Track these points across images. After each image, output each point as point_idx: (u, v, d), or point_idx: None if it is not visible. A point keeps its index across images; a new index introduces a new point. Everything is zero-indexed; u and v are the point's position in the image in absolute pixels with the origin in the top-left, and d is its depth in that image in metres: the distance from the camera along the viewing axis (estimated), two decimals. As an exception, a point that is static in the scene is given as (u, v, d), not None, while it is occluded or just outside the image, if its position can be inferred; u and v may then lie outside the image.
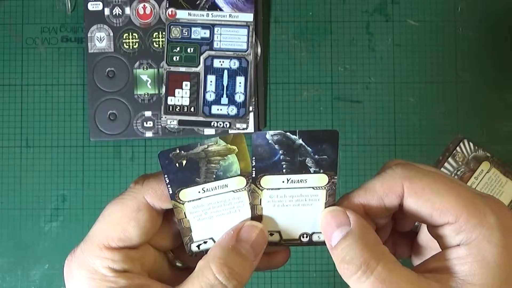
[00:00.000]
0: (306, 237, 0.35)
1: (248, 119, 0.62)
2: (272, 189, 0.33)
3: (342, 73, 0.64)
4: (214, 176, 0.33)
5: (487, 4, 0.64)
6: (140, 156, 0.63)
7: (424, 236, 0.36)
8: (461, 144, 0.62)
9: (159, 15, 0.63)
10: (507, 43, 0.64)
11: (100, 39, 0.63)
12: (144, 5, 0.63)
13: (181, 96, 0.62)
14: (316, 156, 0.33)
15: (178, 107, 0.62)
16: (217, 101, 0.62)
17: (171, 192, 0.33)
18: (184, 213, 0.34)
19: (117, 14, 0.63)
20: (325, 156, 0.33)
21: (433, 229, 0.32)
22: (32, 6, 0.65)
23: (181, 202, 0.33)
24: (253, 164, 0.33)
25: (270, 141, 0.32)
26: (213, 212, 0.34)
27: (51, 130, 0.64)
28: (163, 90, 0.63)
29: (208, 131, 0.63)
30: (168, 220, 0.36)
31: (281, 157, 0.32)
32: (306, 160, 0.33)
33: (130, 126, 0.63)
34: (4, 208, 0.63)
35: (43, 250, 0.63)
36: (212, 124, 0.62)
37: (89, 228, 0.65)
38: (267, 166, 0.33)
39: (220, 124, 0.62)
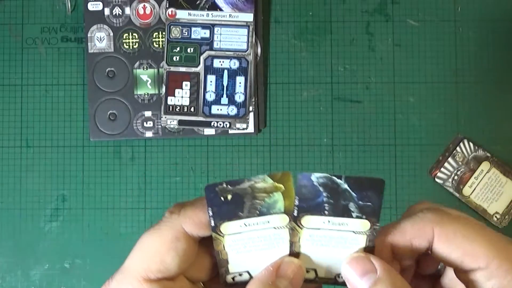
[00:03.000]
0: (342, 278, 0.34)
1: (248, 119, 0.62)
2: (312, 228, 0.33)
3: (342, 73, 0.64)
4: (258, 212, 0.33)
5: (487, 4, 0.64)
6: (140, 156, 0.63)
7: (449, 280, 0.36)
8: (461, 144, 0.62)
9: (159, 15, 0.63)
10: (507, 43, 0.64)
11: (100, 39, 0.63)
12: (144, 5, 0.63)
13: (181, 96, 0.62)
14: (360, 202, 0.33)
15: (178, 107, 0.62)
16: (217, 101, 0.62)
17: (213, 224, 0.33)
18: (223, 245, 0.34)
19: (117, 14, 0.63)
20: (369, 203, 0.33)
21: (462, 274, 0.32)
22: (32, 6, 0.65)
23: (221, 234, 0.33)
24: (295, 203, 0.33)
25: (315, 183, 0.32)
26: (252, 246, 0.34)
27: (51, 130, 0.64)
28: (163, 90, 0.63)
29: (208, 131, 0.63)
30: (203, 252, 0.35)
31: (324, 199, 0.33)
32: (350, 205, 0.33)
33: (130, 126, 0.63)
34: (4, 208, 0.63)
35: (43, 250, 0.63)
36: (212, 124, 0.62)
37: (89, 228, 0.65)
38: (310, 206, 0.33)
39: (220, 124, 0.62)
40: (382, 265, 0.32)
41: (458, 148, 0.62)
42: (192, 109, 0.62)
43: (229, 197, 0.33)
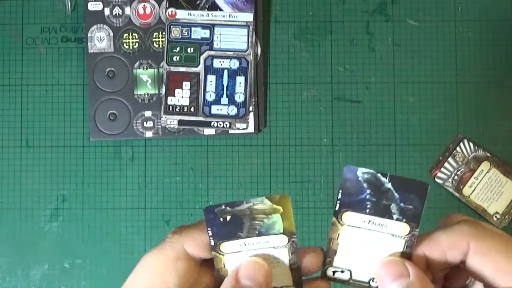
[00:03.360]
0: (376, 282, 0.34)
1: (248, 119, 0.62)
2: (352, 226, 0.33)
3: (342, 73, 0.64)
4: (257, 232, 0.34)
5: (487, 4, 0.64)
6: (140, 156, 0.63)
7: None
8: (461, 144, 0.62)
9: (159, 15, 0.63)
10: (507, 43, 0.64)
11: (100, 39, 0.63)
12: (144, 5, 0.63)
13: (181, 96, 0.62)
14: (402, 204, 0.33)
15: (178, 107, 0.62)
16: (217, 101, 0.62)
17: (212, 244, 0.34)
18: (224, 263, 0.34)
19: (117, 14, 0.63)
20: (411, 206, 0.33)
21: None
22: (32, 6, 0.65)
23: (221, 253, 0.34)
24: (338, 197, 0.33)
25: (359, 178, 0.33)
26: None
27: (51, 130, 0.64)
28: (163, 90, 0.63)
29: (208, 131, 0.63)
30: (204, 271, 0.36)
31: (367, 197, 0.33)
32: (391, 206, 0.33)
33: (130, 126, 0.63)
34: (4, 208, 0.63)
35: (43, 250, 0.63)
36: (212, 124, 0.62)
37: (89, 228, 0.65)
38: (352, 202, 0.33)
39: (220, 124, 0.62)
40: (416, 271, 0.32)
41: (458, 148, 0.62)
42: (192, 109, 0.62)
43: (228, 218, 0.33)
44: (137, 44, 0.63)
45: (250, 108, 0.62)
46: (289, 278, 0.35)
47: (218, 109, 0.62)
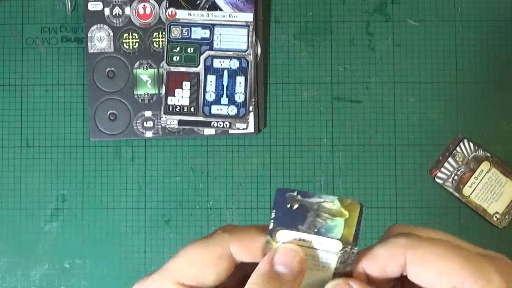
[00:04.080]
0: None
1: (248, 119, 0.62)
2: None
3: (342, 73, 0.64)
4: (316, 230, 0.34)
5: (487, 4, 0.64)
6: (140, 156, 0.63)
7: None
8: (461, 144, 0.62)
9: (159, 15, 0.63)
10: (507, 43, 0.64)
11: (100, 39, 0.63)
12: (144, 5, 0.63)
13: (181, 96, 0.62)
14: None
15: (178, 107, 0.62)
16: (217, 101, 0.62)
17: (271, 227, 0.34)
18: None
19: (117, 14, 0.63)
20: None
21: None
22: (32, 6, 0.65)
23: (275, 241, 0.34)
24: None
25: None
26: None
27: (51, 130, 0.64)
28: (163, 90, 0.63)
29: (208, 131, 0.63)
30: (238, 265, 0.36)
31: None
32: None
33: (130, 126, 0.63)
34: (4, 208, 0.63)
35: (43, 250, 0.63)
36: (212, 124, 0.62)
37: (89, 228, 0.65)
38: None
39: (220, 124, 0.62)
40: (362, 287, 0.32)
41: (458, 148, 0.62)
42: (192, 109, 0.62)
43: (295, 206, 0.33)
44: (137, 44, 0.63)
45: (250, 108, 0.62)
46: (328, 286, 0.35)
47: (218, 109, 0.62)
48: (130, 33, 0.63)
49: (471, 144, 0.62)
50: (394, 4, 0.64)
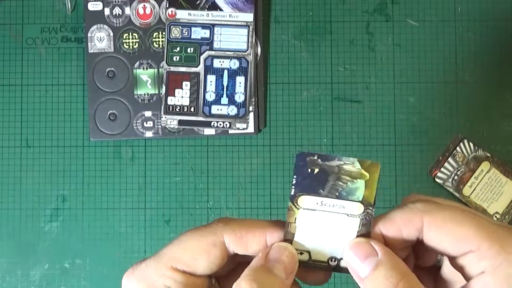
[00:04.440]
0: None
1: (248, 119, 0.62)
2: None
3: (342, 73, 0.64)
4: (337, 194, 0.34)
5: (487, 4, 0.64)
6: (140, 156, 0.63)
7: (447, 269, 0.36)
8: (461, 144, 0.62)
9: (159, 15, 0.63)
10: (507, 43, 0.64)
11: (100, 39, 0.63)
12: (144, 5, 0.63)
13: (181, 96, 0.62)
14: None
15: (178, 107, 0.62)
16: (217, 101, 0.62)
17: (292, 193, 0.34)
18: (295, 218, 0.35)
19: (117, 14, 0.63)
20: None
21: (455, 261, 0.33)
22: (32, 6, 0.65)
23: (297, 207, 0.34)
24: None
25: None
26: (321, 227, 0.35)
27: (51, 130, 0.64)
28: (163, 90, 0.63)
29: (208, 131, 0.63)
30: (230, 259, 0.37)
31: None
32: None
33: (130, 126, 0.63)
34: (4, 208, 0.63)
35: (43, 250, 0.63)
36: (212, 124, 0.62)
37: (89, 228, 0.65)
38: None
39: (220, 124, 0.62)
40: (383, 249, 0.33)
41: (458, 148, 0.62)
42: (192, 109, 0.62)
43: (316, 170, 0.34)
44: (137, 44, 0.63)
45: (250, 108, 0.62)
46: None
47: (218, 109, 0.62)
48: (130, 33, 0.63)
49: (471, 144, 0.62)
50: (394, 4, 0.64)
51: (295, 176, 0.34)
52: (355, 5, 0.64)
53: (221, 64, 0.62)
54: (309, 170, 0.34)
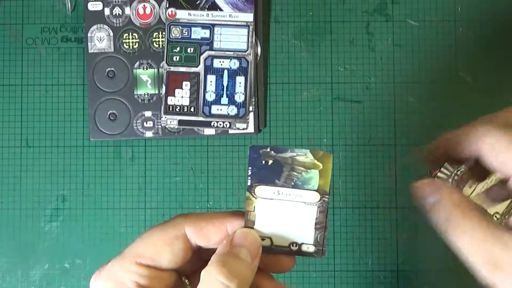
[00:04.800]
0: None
1: (248, 119, 0.62)
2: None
3: (342, 73, 0.64)
4: (293, 183, 0.35)
5: (487, 4, 0.64)
6: (140, 156, 0.63)
7: None
8: None
9: (159, 15, 0.63)
10: (507, 43, 0.64)
11: (100, 39, 0.63)
12: (144, 5, 0.63)
13: (181, 96, 0.62)
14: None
15: (178, 107, 0.62)
16: (217, 101, 0.62)
17: (249, 184, 0.36)
18: (254, 206, 0.36)
19: (117, 14, 0.63)
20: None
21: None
22: (32, 6, 0.65)
23: (255, 196, 0.36)
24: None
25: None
26: (280, 215, 0.36)
27: (51, 130, 0.64)
28: (163, 90, 0.63)
29: (208, 131, 0.63)
30: (196, 255, 0.38)
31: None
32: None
33: (130, 126, 0.63)
34: (4, 208, 0.63)
35: (43, 250, 0.63)
36: (212, 124, 0.62)
37: (89, 228, 0.65)
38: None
39: (220, 124, 0.62)
40: (446, 185, 0.39)
41: None
42: (192, 109, 0.62)
43: (270, 162, 0.35)
44: (137, 44, 0.63)
45: (250, 108, 0.62)
46: (311, 236, 0.37)
47: (218, 109, 0.62)
48: (130, 33, 0.63)
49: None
50: (394, 4, 0.64)
51: (250, 168, 0.35)
52: (355, 5, 0.64)
53: (221, 64, 0.62)
54: (263, 161, 0.35)
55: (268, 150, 0.35)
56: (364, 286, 0.62)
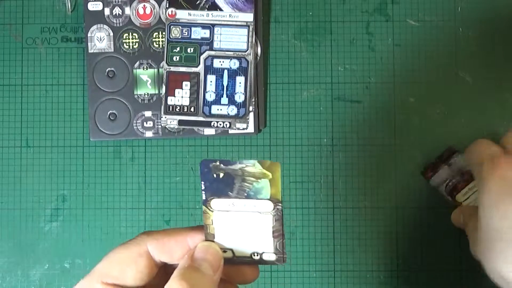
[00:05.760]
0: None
1: (248, 119, 0.62)
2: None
3: (342, 73, 0.64)
4: (246, 194, 0.36)
5: (487, 4, 0.64)
6: (140, 156, 0.63)
7: None
8: (454, 157, 0.61)
9: (159, 15, 0.63)
10: (507, 43, 0.64)
11: (100, 39, 0.63)
12: (144, 5, 0.63)
13: (181, 96, 0.62)
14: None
15: (178, 107, 0.62)
16: (217, 101, 0.62)
17: (204, 198, 0.36)
18: (212, 220, 0.36)
19: (117, 14, 0.63)
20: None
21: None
22: (32, 6, 0.65)
23: (211, 209, 0.36)
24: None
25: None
26: (238, 226, 0.37)
27: (51, 130, 0.64)
28: (163, 90, 0.63)
29: (208, 131, 0.63)
30: (162, 272, 0.39)
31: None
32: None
33: (130, 126, 0.63)
34: (4, 208, 0.63)
35: (43, 250, 0.63)
36: (212, 124, 0.62)
37: (89, 228, 0.65)
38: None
39: (220, 124, 0.62)
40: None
41: (452, 160, 0.61)
42: (192, 109, 0.62)
43: (221, 175, 0.35)
44: (137, 44, 0.63)
45: (250, 108, 0.62)
46: (271, 245, 0.37)
47: (218, 109, 0.62)
48: (130, 33, 0.63)
49: (462, 159, 0.61)
50: (394, 4, 0.64)
51: (202, 182, 0.35)
52: (355, 5, 0.64)
53: (221, 64, 0.62)
54: (215, 175, 0.35)
55: (218, 163, 0.35)
56: (364, 286, 0.62)
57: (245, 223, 0.36)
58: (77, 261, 0.62)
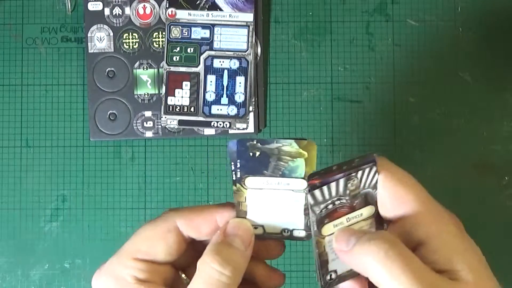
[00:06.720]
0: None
1: (248, 119, 0.62)
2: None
3: (342, 73, 0.64)
4: (280, 173, 0.36)
5: (487, 4, 0.64)
6: (140, 156, 0.63)
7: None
8: (367, 169, 0.39)
9: (159, 15, 0.63)
10: (507, 43, 0.64)
11: (100, 39, 0.63)
12: (144, 5, 0.63)
13: (181, 96, 0.62)
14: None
15: (178, 107, 0.62)
16: (217, 101, 0.62)
17: (238, 176, 0.37)
18: (245, 197, 0.37)
19: (117, 14, 0.63)
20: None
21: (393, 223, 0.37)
22: (32, 6, 0.65)
23: (245, 187, 0.37)
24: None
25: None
26: (270, 203, 0.37)
27: (51, 130, 0.64)
28: (163, 90, 0.63)
29: (208, 131, 0.63)
30: (191, 248, 0.39)
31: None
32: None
33: (130, 126, 0.63)
34: (4, 208, 0.63)
35: (43, 250, 0.63)
36: (212, 124, 0.62)
37: (89, 228, 0.65)
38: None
39: (220, 124, 0.62)
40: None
41: (360, 173, 0.37)
42: (192, 109, 0.62)
43: (257, 154, 0.36)
44: (137, 44, 0.63)
45: (250, 108, 0.62)
46: (302, 222, 0.38)
47: (218, 109, 0.62)
48: (130, 33, 0.63)
49: (376, 174, 0.38)
50: (394, 4, 0.64)
51: (238, 160, 0.36)
52: (355, 5, 0.64)
53: (221, 64, 0.62)
54: (251, 154, 0.36)
55: (255, 142, 0.36)
56: (364, 286, 0.62)
57: (278, 201, 0.37)
58: (77, 261, 0.62)
